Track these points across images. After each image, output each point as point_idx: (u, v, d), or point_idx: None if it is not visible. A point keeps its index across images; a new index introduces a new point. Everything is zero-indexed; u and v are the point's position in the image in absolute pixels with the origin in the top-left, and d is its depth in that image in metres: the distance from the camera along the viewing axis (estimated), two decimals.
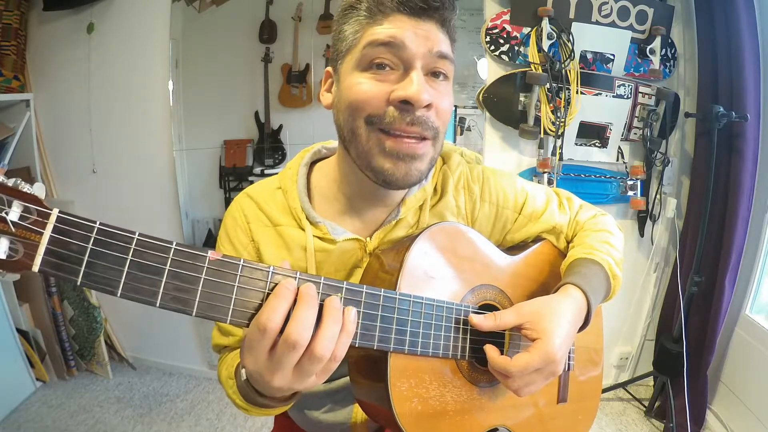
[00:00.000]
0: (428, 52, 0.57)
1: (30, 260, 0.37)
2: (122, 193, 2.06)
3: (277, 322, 0.44)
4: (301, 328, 0.44)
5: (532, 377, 0.58)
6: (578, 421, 0.79)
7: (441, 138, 0.62)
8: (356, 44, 0.59)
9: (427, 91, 0.57)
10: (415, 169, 0.59)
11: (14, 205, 0.37)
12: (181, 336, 2.17)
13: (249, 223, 0.70)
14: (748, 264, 1.75)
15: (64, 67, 1.99)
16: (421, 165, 0.60)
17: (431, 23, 0.58)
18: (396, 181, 0.59)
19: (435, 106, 0.59)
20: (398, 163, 0.58)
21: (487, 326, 0.60)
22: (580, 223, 0.80)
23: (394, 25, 0.57)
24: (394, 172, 0.59)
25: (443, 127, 0.62)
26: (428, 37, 0.57)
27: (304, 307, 0.45)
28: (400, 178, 0.59)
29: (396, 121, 0.57)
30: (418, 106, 0.57)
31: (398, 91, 0.56)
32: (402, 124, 0.57)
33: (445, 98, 0.60)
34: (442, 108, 0.60)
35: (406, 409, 0.57)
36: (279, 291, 0.45)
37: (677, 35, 1.85)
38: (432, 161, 0.62)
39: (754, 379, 1.70)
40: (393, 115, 0.57)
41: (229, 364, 0.68)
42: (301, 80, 1.90)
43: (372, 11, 0.58)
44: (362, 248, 0.68)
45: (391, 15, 0.57)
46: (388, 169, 0.58)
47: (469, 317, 0.61)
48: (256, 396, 0.56)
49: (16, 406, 1.93)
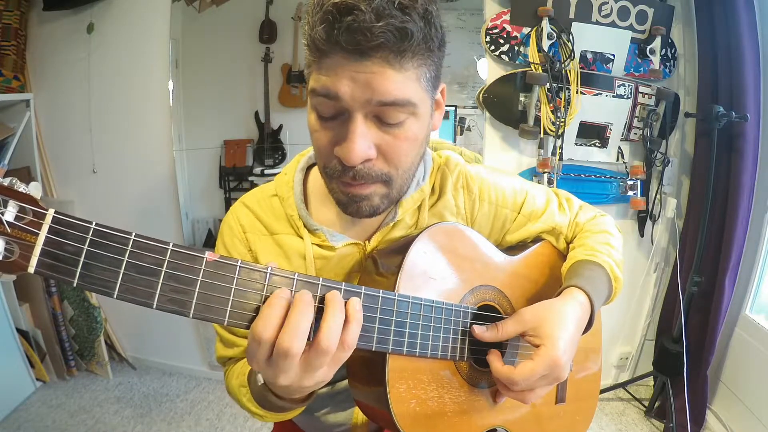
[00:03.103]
0: (367, 101, 0.50)
1: (26, 261, 0.37)
2: (122, 193, 2.05)
3: (270, 332, 0.44)
4: (293, 336, 0.44)
5: (536, 384, 0.58)
6: (576, 421, 0.78)
7: (398, 178, 0.58)
8: (308, 81, 0.55)
9: (368, 144, 0.53)
10: (366, 205, 0.59)
11: (10, 205, 0.37)
12: (181, 336, 2.17)
13: (246, 233, 0.69)
14: (748, 264, 1.75)
15: (64, 67, 1.99)
16: (371, 202, 0.59)
17: (376, 63, 0.49)
18: (349, 213, 0.61)
19: (383, 153, 0.55)
20: (351, 202, 0.59)
21: (489, 337, 0.60)
22: (579, 224, 0.80)
23: (329, 71, 0.50)
24: (346, 207, 0.60)
25: (399, 168, 0.57)
26: (369, 84, 0.49)
27: (296, 315, 0.45)
28: (353, 212, 0.60)
29: (340, 174, 0.56)
30: (353, 166, 0.54)
31: (336, 150, 0.54)
32: (345, 178, 0.56)
33: (400, 141, 0.55)
34: (394, 153, 0.55)
35: (405, 411, 0.56)
36: (272, 300, 0.45)
37: (677, 35, 1.84)
38: (386, 197, 0.59)
39: (754, 379, 1.70)
40: (337, 169, 0.56)
41: (239, 372, 0.67)
42: (301, 80, 1.90)
43: (312, 47, 0.51)
44: (361, 252, 0.68)
45: (328, 55, 0.50)
46: (342, 203, 0.60)
47: (472, 328, 0.61)
48: (274, 398, 0.56)
49: (16, 406, 1.93)
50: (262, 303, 0.46)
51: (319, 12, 0.48)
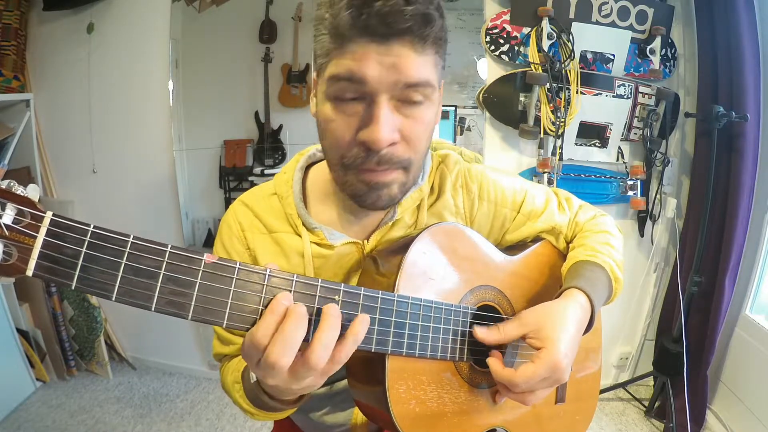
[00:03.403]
0: (394, 84, 0.52)
1: (24, 264, 0.37)
2: (122, 193, 2.05)
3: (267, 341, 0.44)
4: (282, 352, 0.44)
5: (537, 386, 0.58)
6: (576, 421, 0.78)
7: (415, 164, 0.60)
8: (324, 70, 0.55)
9: (393, 127, 0.54)
10: (386, 194, 0.60)
11: (8, 207, 0.36)
12: (181, 336, 2.17)
13: (244, 231, 0.69)
14: (748, 264, 1.75)
15: (64, 67, 1.99)
16: (390, 191, 0.60)
17: (402, 46, 0.51)
18: (366, 205, 0.61)
19: (405, 137, 0.56)
20: (370, 192, 0.59)
21: (491, 339, 0.60)
22: (579, 224, 0.80)
23: (355, 55, 0.51)
24: (366, 199, 0.60)
25: (417, 153, 0.59)
26: (395, 66, 0.51)
27: (288, 328, 0.45)
28: (370, 203, 0.60)
29: (363, 161, 0.56)
30: (380, 149, 0.54)
31: (361, 134, 0.54)
32: (369, 164, 0.56)
33: (418, 124, 0.56)
34: (415, 136, 0.57)
35: (404, 411, 0.56)
36: (274, 307, 0.45)
37: (677, 35, 1.84)
38: (403, 185, 0.61)
39: (754, 379, 1.70)
40: (359, 156, 0.56)
41: (234, 369, 0.67)
42: (301, 80, 1.90)
43: (333, 34, 0.52)
44: (360, 251, 0.68)
45: (353, 40, 0.51)
46: (361, 196, 0.60)
47: (474, 329, 0.61)
48: (265, 398, 0.56)
49: (16, 406, 1.93)
50: (261, 305, 0.46)
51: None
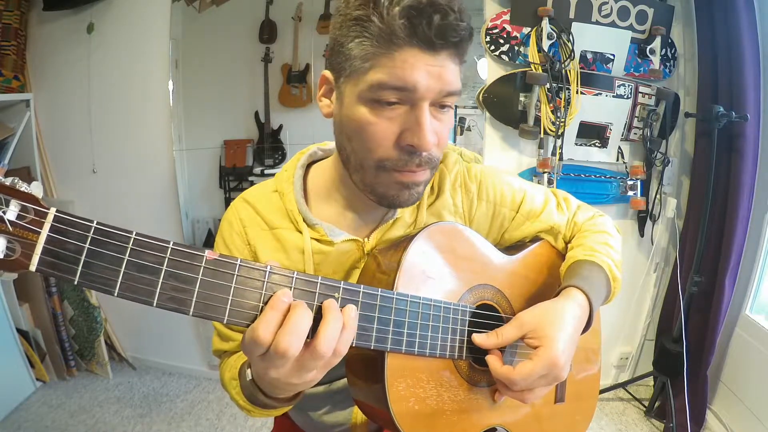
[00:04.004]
0: (439, 92, 0.55)
1: (27, 259, 0.37)
2: (122, 193, 2.06)
3: (270, 335, 0.45)
4: (293, 337, 0.45)
5: (535, 384, 0.58)
6: (576, 421, 0.79)
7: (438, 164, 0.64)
8: (363, 73, 0.54)
9: (434, 131, 0.56)
10: (416, 192, 0.62)
11: (12, 204, 0.37)
12: (181, 336, 2.17)
13: (245, 227, 0.70)
14: (748, 264, 1.75)
15: (64, 67, 1.99)
16: (421, 188, 0.63)
17: (447, 57, 0.54)
18: (399, 204, 0.63)
19: (438, 139, 0.58)
20: (403, 190, 0.61)
21: (490, 344, 0.61)
22: (578, 224, 0.80)
23: (405, 63, 0.52)
24: (399, 198, 0.61)
25: (442, 153, 0.64)
26: (441, 76, 0.54)
27: (296, 316, 0.45)
28: (404, 201, 0.62)
29: (405, 163, 0.58)
30: (426, 152, 0.57)
31: (407, 138, 0.56)
32: (411, 166, 0.58)
33: (446, 127, 0.60)
34: (443, 138, 0.60)
35: (404, 409, 0.57)
36: (274, 303, 0.46)
37: (677, 35, 1.84)
38: (428, 183, 0.65)
39: (754, 379, 1.70)
40: (401, 158, 0.58)
41: (231, 365, 0.68)
42: (301, 80, 1.91)
43: (382, 39, 0.52)
44: (360, 249, 0.68)
45: (404, 48, 0.52)
46: (394, 195, 0.61)
47: (473, 336, 0.62)
48: (261, 396, 0.56)
49: (16, 406, 1.93)
50: (262, 302, 0.47)
51: (397, 6, 0.51)
